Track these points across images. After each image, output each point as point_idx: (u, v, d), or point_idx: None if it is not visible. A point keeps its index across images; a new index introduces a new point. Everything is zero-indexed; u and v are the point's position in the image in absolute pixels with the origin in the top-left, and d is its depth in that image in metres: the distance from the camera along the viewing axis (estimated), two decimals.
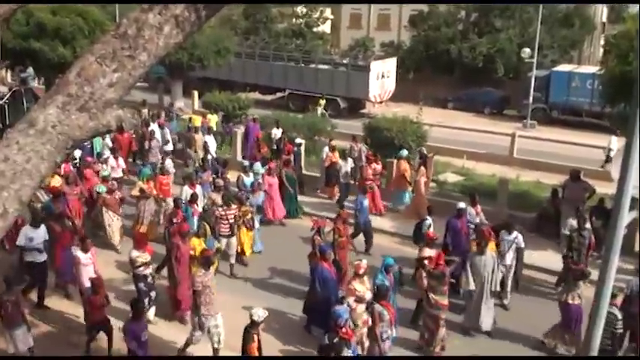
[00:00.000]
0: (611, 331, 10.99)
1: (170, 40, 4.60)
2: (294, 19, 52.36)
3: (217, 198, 16.34)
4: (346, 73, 38.18)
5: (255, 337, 10.17)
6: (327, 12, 56.45)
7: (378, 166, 20.28)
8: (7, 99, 24.54)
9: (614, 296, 10.90)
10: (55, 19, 28.17)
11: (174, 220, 14.71)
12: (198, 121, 25.66)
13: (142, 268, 12.54)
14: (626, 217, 6.19)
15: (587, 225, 15.14)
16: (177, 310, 13.31)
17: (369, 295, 11.59)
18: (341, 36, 58.79)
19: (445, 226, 15.24)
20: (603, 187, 19.24)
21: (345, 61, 39.97)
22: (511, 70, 43.77)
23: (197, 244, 13.44)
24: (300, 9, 52.35)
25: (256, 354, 10.20)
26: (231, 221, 15.40)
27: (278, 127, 24.69)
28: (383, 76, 37.99)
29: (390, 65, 39.19)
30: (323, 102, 35.01)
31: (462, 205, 15.46)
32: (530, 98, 36.21)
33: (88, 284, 11.97)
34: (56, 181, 16.92)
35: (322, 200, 21.06)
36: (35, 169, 4.14)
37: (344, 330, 10.00)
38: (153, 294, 12.83)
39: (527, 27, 43.33)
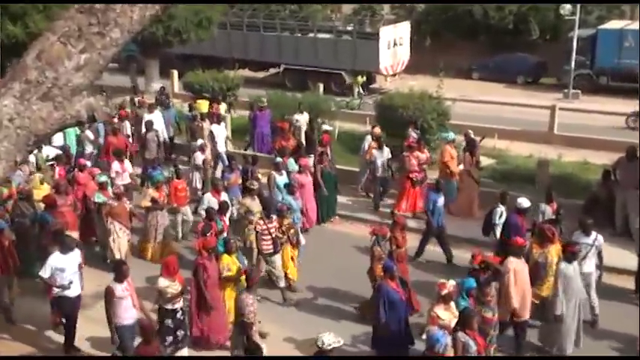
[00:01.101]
0: None
1: (146, 11, 4.56)
2: None
3: (253, 205, 15.50)
4: (351, 42, 37.97)
5: None
6: None
7: (423, 155, 19.39)
8: None
9: None
10: None
11: (208, 235, 13.81)
12: (204, 106, 25.38)
13: (172, 302, 11.74)
14: None
15: None
16: (206, 344, 12.69)
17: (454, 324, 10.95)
18: None
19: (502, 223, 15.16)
20: None
21: (349, 28, 39.83)
22: (548, 30, 43.67)
23: (231, 263, 12.85)
24: None
25: None
26: (273, 236, 14.44)
27: (302, 112, 24.04)
28: (395, 44, 37.73)
29: (402, 31, 38.95)
30: (361, 79, 34.35)
31: (525, 203, 15.07)
32: (572, 63, 35.99)
33: (125, 322, 11.27)
34: (44, 191, 16.61)
35: (359, 199, 20.81)
36: None
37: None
38: (180, 333, 12.02)
39: None
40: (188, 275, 13.00)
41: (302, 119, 23.67)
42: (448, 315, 10.99)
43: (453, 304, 11.21)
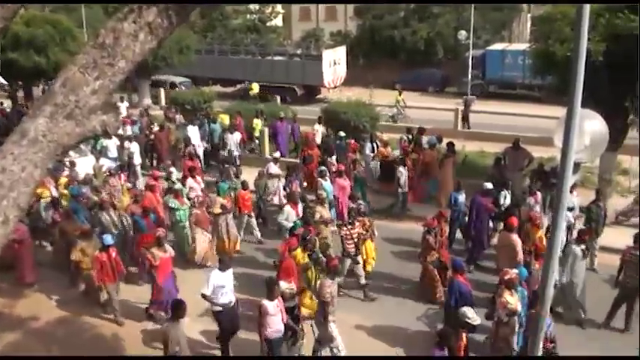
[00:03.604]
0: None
1: (145, 45, 4.55)
2: (248, 15, 51.87)
3: (323, 211, 14.21)
4: (301, 62, 38.08)
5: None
6: (279, 7, 56.06)
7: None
8: None
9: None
10: (29, 30, 27.66)
11: (308, 238, 12.36)
12: (226, 119, 23.99)
13: (290, 301, 10.65)
14: (571, 179, 6.30)
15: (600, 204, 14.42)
16: None
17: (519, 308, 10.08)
18: (292, 28, 58.39)
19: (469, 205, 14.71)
20: (543, 152, 19.62)
21: (298, 52, 39.99)
22: (450, 51, 44.19)
23: (300, 256, 11.65)
24: (253, 6, 51.88)
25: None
26: (356, 240, 13.09)
27: (320, 123, 22.58)
28: (335, 64, 37.90)
29: (340, 53, 39.08)
30: (401, 97, 32.01)
31: (489, 186, 14.83)
32: (469, 76, 36.51)
33: (275, 335, 9.91)
34: (126, 200, 15.87)
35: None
36: (30, 176, 4.12)
37: (551, 340, 9.03)
38: (298, 327, 10.76)
39: (461, 12, 43.67)
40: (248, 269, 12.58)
41: (319, 129, 22.31)
42: (514, 300, 10.00)
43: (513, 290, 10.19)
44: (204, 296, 10.41)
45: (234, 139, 21.45)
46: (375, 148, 19.99)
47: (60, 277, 13.96)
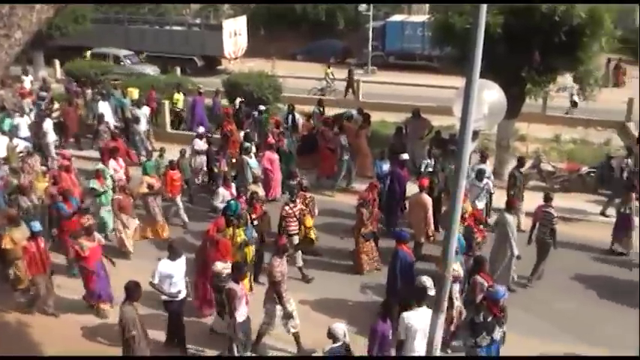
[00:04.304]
0: (550, 227, 12.24)
1: (42, 15, 4.35)
2: None
3: (259, 190, 14.07)
4: (200, 32, 37.27)
5: None
6: None
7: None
8: None
9: (550, 199, 12.49)
10: None
11: (253, 217, 12.34)
12: (135, 93, 22.88)
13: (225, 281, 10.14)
14: (470, 146, 6.58)
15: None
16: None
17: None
18: None
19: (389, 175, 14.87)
20: (442, 121, 20.26)
21: (197, 22, 39.06)
22: (350, 22, 44.50)
23: (232, 232, 11.34)
24: None
25: None
26: (299, 217, 12.83)
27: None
28: (235, 34, 37.33)
29: (240, 23, 38.49)
30: (330, 70, 31.53)
31: (405, 156, 15.18)
32: (369, 47, 37.13)
33: (244, 319, 9.51)
34: (41, 183, 14.43)
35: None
36: None
37: (501, 309, 8.88)
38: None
39: None
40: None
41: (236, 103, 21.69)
42: (457, 266, 10.13)
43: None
44: (152, 284, 9.95)
45: (142, 113, 20.56)
46: (293, 121, 19.81)
47: None
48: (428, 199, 12.99)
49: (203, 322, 11.29)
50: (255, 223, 12.39)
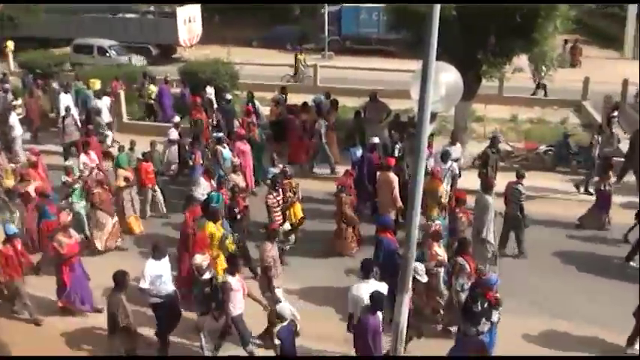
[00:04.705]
0: (518, 204, 12.64)
1: None
2: None
3: (238, 179, 13.67)
4: (154, 20, 36.97)
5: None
6: None
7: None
8: None
9: (521, 176, 12.85)
10: None
11: (236, 210, 12.07)
12: (97, 84, 22.20)
13: (207, 274, 9.91)
14: (429, 128, 6.69)
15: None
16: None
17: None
18: None
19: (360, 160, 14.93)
20: (400, 104, 20.40)
21: (151, 9, 38.50)
22: (307, 8, 44.33)
23: (212, 228, 10.88)
24: None
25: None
26: (282, 207, 12.64)
27: (212, 86, 21.64)
28: (190, 21, 37.09)
29: (194, 10, 38.12)
30: (302, 56, 30.97)
31: (375, 140, 15.20)
32: (326, 32, 37.18)
33: (239, 312, 9.37)
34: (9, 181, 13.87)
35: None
36: None
37: (495, 296, 8.86)
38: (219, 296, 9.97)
39: None
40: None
41: (212, 92, 21.22)
42: (442, 251, 10.34)
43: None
44: (142, 290, 9.47)
45: (103, 104, 20.04)
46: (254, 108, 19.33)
47: None
48: (394, 177, 13.10)
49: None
50: (239, 217, 12.16)
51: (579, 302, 11.40)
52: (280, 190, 12.76)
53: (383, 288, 8.44)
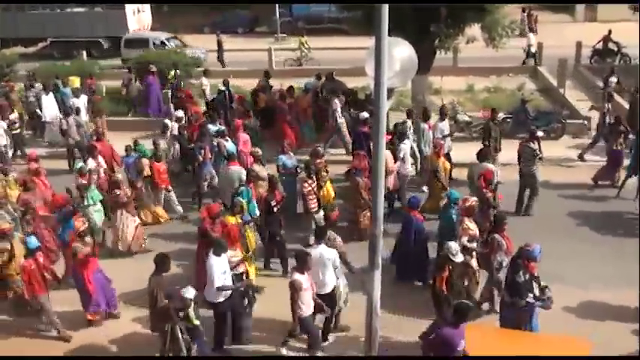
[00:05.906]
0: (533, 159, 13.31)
1: None
2: None
3: (262, 171, 13.23)
4: (103, 13, 36.10)
5: None
6: None
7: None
8: None
9: (532, 135, 13.56)
10: None
11: (273, 203, 11.60)
12: (77, 82, 21.56)
13: (236, 269, 9.75)
14: (387, 104, 6.72)
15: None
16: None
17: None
18: None
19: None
20: (356, 82, 20.33)
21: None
22: None
23: (232, 221, 10.72)
24: None
25: None
26: (317, 194, 12.28)
27: (206, 76, 21.16)
28: (138, 11, 36.38)
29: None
30: (304, 39, 30.67)
31: (366, 115, 15.10)
32: (278, 14, 36.92)
33: (309, 313, 8.94)
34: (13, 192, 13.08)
35: None
36: None
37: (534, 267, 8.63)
38: (251, 292, 9.84)
39: None
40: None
41: (208, 83, 20.77)
42: (474, 225, 10.09)
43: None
44: (220, 289, 9.10)
45: (81, 102, 19.18)
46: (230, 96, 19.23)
47: None
48: (389, 154, 12.74)
49: None
50: (276, 210, 11.77)
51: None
52: (313, 177, 12.40)
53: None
